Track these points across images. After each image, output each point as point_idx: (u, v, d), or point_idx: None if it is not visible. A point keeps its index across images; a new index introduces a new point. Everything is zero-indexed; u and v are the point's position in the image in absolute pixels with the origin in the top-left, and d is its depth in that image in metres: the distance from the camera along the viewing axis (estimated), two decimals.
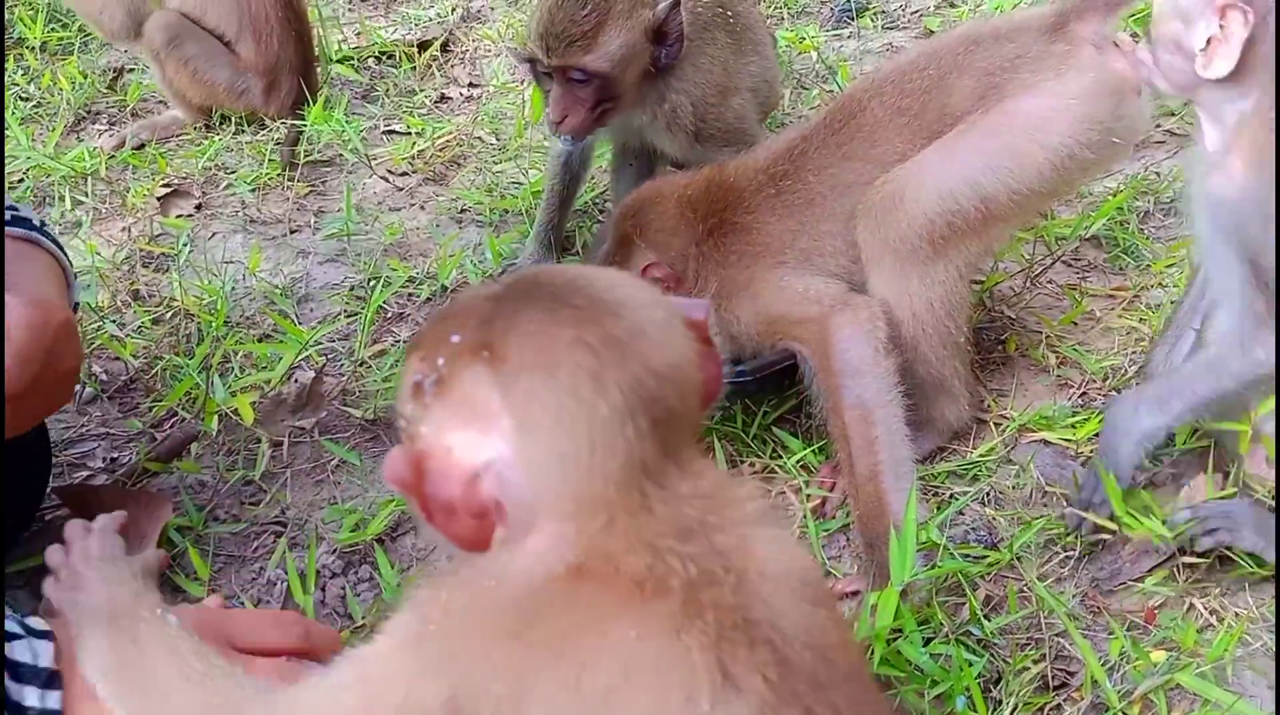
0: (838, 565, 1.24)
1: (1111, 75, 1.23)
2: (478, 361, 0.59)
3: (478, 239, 1.74)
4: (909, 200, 1.23)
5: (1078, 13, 1.25)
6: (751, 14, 1.59)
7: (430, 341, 0.63)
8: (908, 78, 1.30)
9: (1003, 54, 1.26)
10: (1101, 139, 1.23)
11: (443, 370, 0.60)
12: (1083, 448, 1.30)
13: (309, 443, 1.41)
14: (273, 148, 1.95)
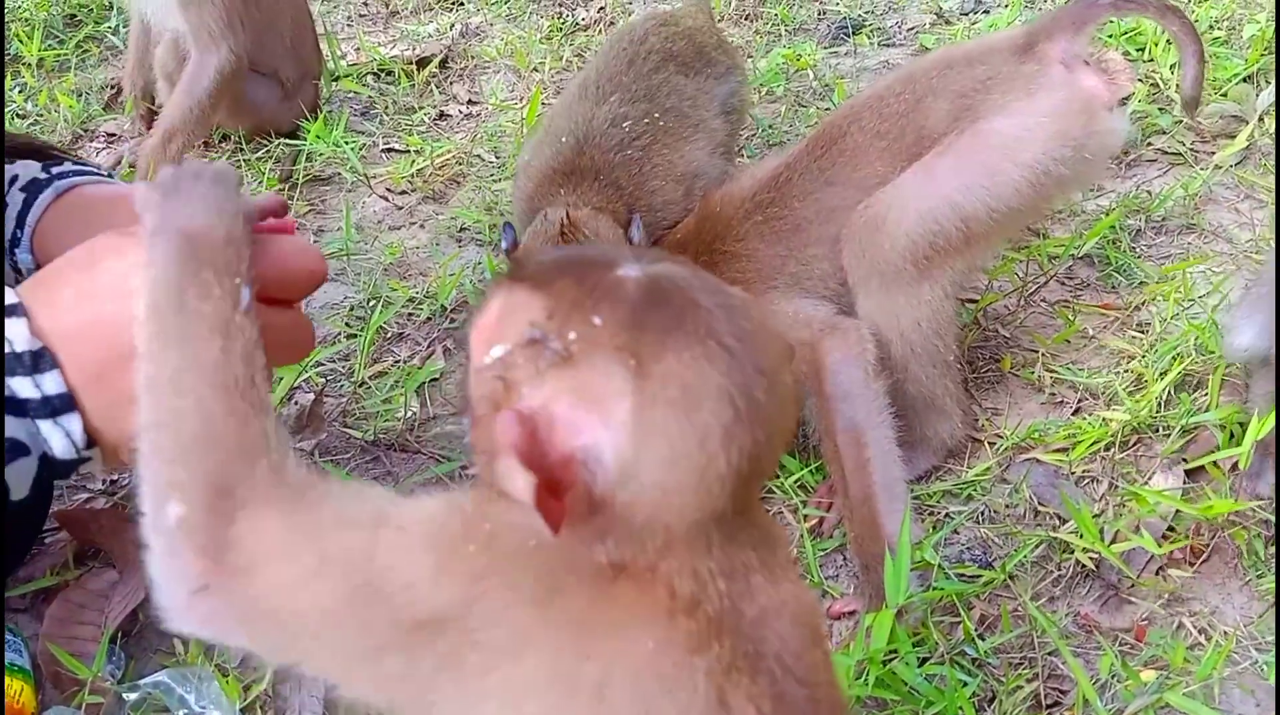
0: (835, 585, 1.25)
1: (1081, 92, 1.26)
2: (620, 364, 0.55)
3: (477, 258, 1.75)
4: (891, 223, 1.25)
5: (1046, 32, 1.28)
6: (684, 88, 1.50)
7: (563, 304, 0.57)
8: (885, 103, 1.33)
9: (975, 76, 1.29)
10: (1075, 155, 1.25)
11: (573, 347, 0.56)
12: (1075, 467, 1.32)
13: (308, 465, 1.42)
14: (271, 166, 1.96)
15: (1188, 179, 1.73)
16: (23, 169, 1.01)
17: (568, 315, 0.57)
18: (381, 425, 1.46)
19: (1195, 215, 1.69)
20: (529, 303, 0.58)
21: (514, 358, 0.57)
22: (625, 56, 1.51)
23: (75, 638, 1.20)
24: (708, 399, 0.55)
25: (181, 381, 0.65)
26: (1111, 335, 1.50)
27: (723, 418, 0.55)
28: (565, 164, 1.39)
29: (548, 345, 0.56)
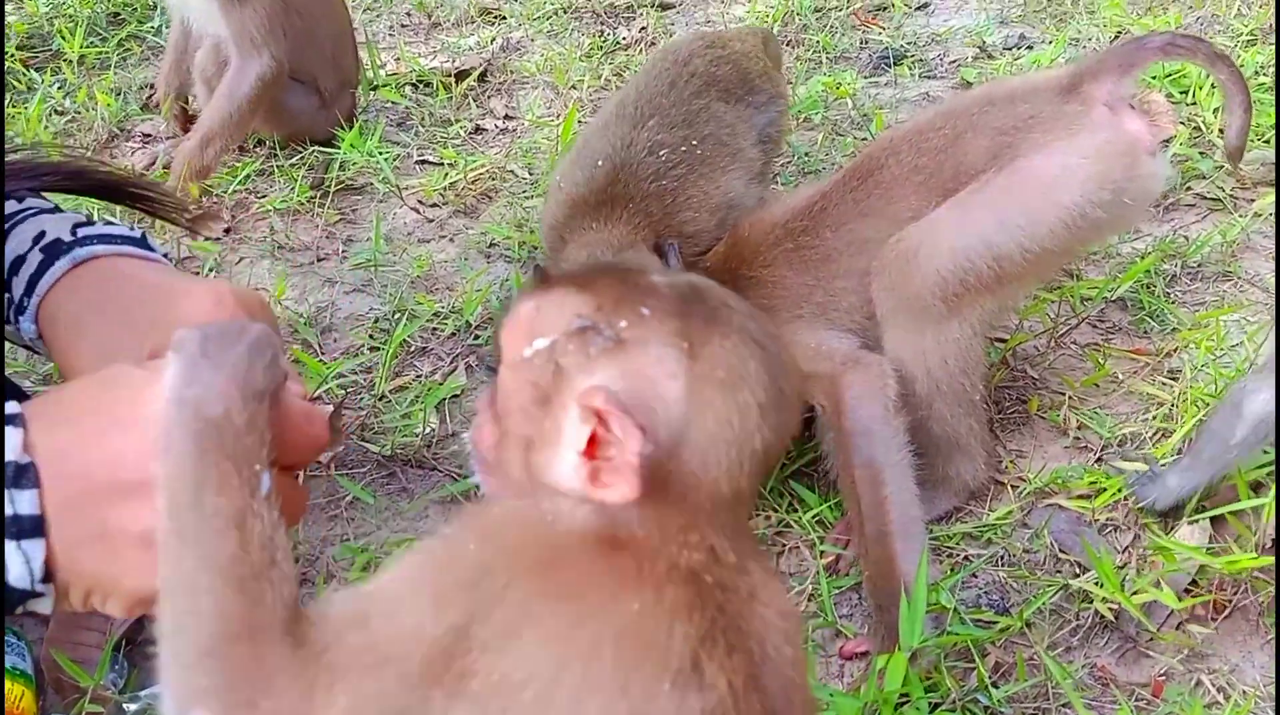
0: (848, 624, 1.24)
1: (1124, 136, 1.24)
2: (674, 347, 0.60)
3: (505, 275, 1.76)
4: (923, 257, 1.24)
5: (1091, 74, 1.26)
6: (724, 115, 1.49)
7: (609, 298, 0.62)
8: (924, 137, 1.32)
9: (1016, 114, 1.28)
10: (1114, 199, 1.23)
11: (625, 333, 0.60)
12: (1098, 515, 1.29)
13: (324, 477, 1.43)
14: (304, 173, 1.99)
15: (1226, 226, 1.71)
16: (51, 226, 0.94)
17: (615, 306, 0.62)
18: (399, 440, 1.47)
19: (1232, 263, 1.66)
20: (573, 299, 0.63)
21: (562, 346, 0.61)
22: (667, 78, 1.50)
23: (79, 644, 1.21)
24: (748, 381, 0.61)
25: (198, 582, 0.62)
26: (1142, 381, 1.48)
27: (759, 398, 0.61)
28: (597, 192, 1.39)
29: (600, 332, 0.60)
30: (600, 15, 2.51)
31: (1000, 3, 2.46)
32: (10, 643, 1.17)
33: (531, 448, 0.62)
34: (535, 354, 0.62)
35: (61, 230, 0.93)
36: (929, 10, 2.48)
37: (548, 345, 0.61)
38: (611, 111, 1.50)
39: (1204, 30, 2.27)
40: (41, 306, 0.89)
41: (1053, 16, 2.37)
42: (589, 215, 1.38)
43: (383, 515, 1.38)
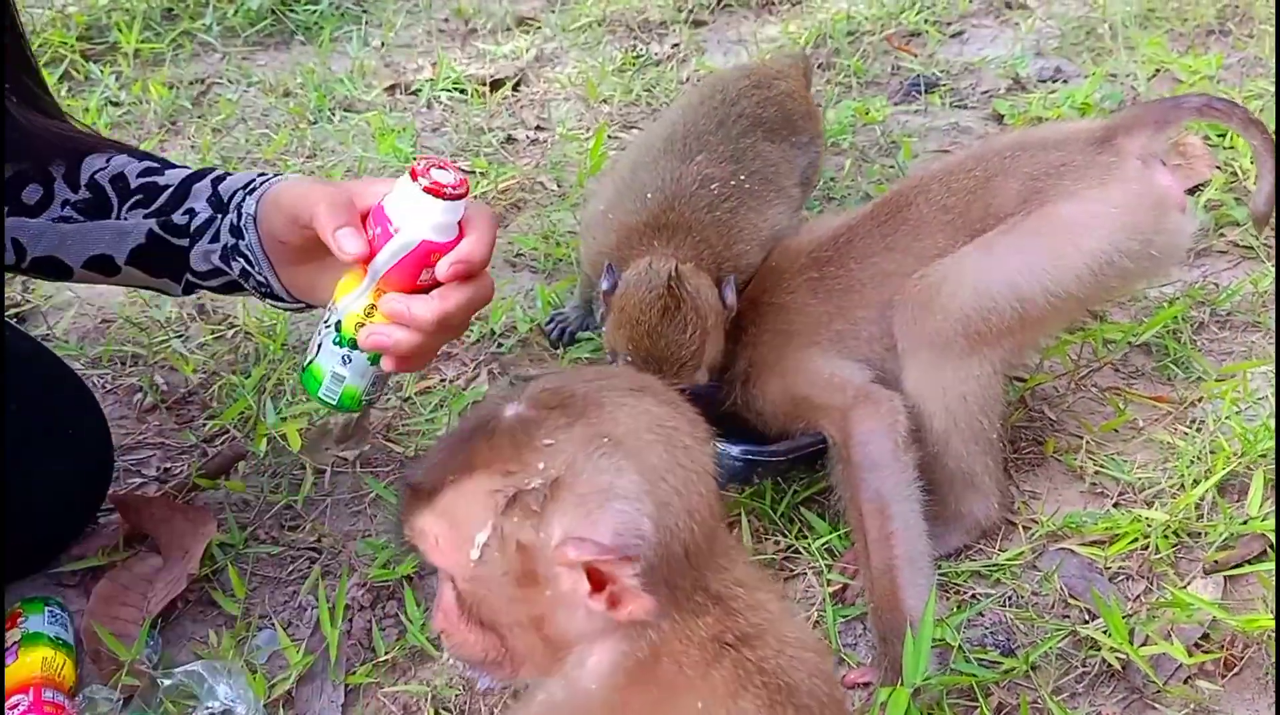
0: (852, 653, 1.24)
1: (1154, 189, 1.25)
2: (599, 447, 0.59)
3: (530, 285, 1.79)
4: (946, 294, 1.25)
5: (1126, 127, 1.28)
6: (769, 153, 1.51)
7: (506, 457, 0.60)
8: (954, 177, 1.33)
9: (1048, 160, 1.29)
10: (1141, 250, 1.24)
11: (550, 472, 0.58)
12: (1111, 563, 1.29)
13: (350, 474, 1.46)
14: (344, 174, 2.02)
15: (1258, 275, 1.70)
16: None
17: (520, 458, 0.59)
18: (423, 443, 1.49)
19: (1262, 313, 1.65)
20: (473, 484, 0.61)
21: (507, 525, 0.60)
22: (715, 116, 1.52)
23: (117, 618, 1.26)
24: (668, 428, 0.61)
25: None
26: (1162, 429, 1.47)
27: (686, 435, 0.61)
28: (655, 219, 1.39)
29: (528, 490, 0.59)
30: (634, 30, 2.53)
31: (1036, 34, 2.45)
32: (54, 614, 1.22)
33: (545, 623, 0.62)
34: (484, 550, 0.61)
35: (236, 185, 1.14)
36: (963, 38, 2.48)
37: (489, 535, 0.60)
38: (659, 146, 1.51)
39: (1245, 72, 2.25)
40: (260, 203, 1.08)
41: (1090, 50, 2.36)
42: (646, 240, 1.39)
43: None
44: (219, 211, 1.11)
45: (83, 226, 1.15)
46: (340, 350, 1.00)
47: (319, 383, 1.02)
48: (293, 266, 1.08)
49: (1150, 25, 2.41)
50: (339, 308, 0.99)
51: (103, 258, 1.15)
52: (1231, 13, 2.44)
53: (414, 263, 0.94)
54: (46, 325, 1.71)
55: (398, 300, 0.96)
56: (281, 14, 2.63)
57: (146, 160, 1.19)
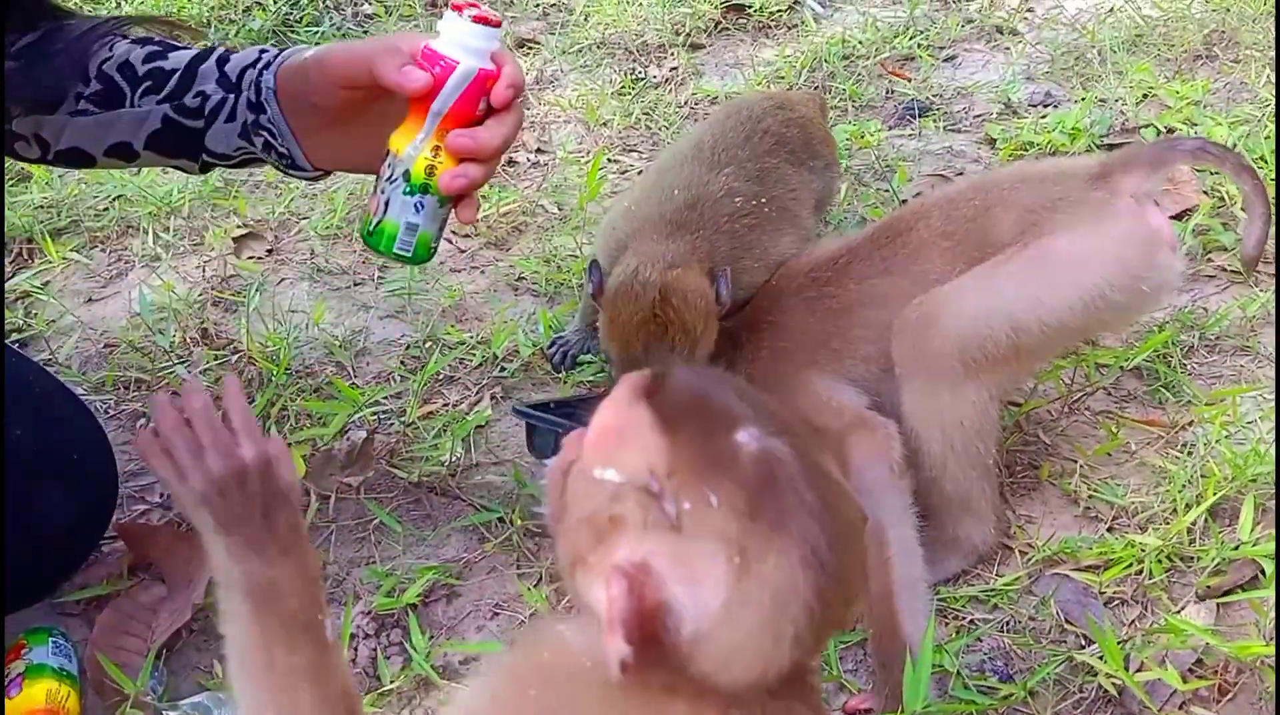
0: (853, 679, 1.26)
1: (1146, 228, 1.29)
2: (725, 558, 0.58)
3: (532, 309, 1.81)
4: (944, 321, 1.28)
5: (1122, 166, 1.31)
6: (790, 178, 1.54)
7: (684, 465, 0.59)
8: (955, 205, 1.37)
9: (1046, 194, 1.32)
10: (1131, 286, 1.28)
11: (685, 520, 0.58)
12: (1106, 587, 1.32)
13: (354, 500, 1.47)
14: (345, 197, 2.04)
15: (1246, 299, 1.73)
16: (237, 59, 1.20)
17: (686, 481, 0.59)
18: (426, 468, 1.51)
19: (1251, 337, 1.68)
20: (654, 443, 0.60)
21: (625, 494, 0.60)
22: (742, 131, 1.56)
23: (121, 648, 1.26)
24: (792, 607, 0.58)
25: None
26: (1155, 453, 1.50)
27: (799, 624, 0.58)
28: (676, 215, 1.43)
29: (662, 505, 0.59)
30: (632, 52, 2.56)
31: (1027, 59, 2.49)
32: (58, 644, 1.22)
33: (577, 562, 0.63)
34: (602, 484, 0.61)
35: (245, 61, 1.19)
36: (956, 63, 2.51)
37: (616, 485, 0.61)
38: (687, 153, 1.55)
39: (1231, 97, 2.29)
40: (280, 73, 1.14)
41: (1080, 76, 2.40)
42: (657, 231, 1.42)
43: (407, 541, 1.42)
44: (230, 91, 1.17)
45: (99, 118, 1.20)
46: (412, 198, 1.03)
47: (393, 239, 1.05)
48: (318, 134, 1.14)
49: (1138, 51, 2.46)
50: (403, 158, 1.03)
51: (122, 144, 1.21)
52: (1218, 38, 2.48)
53: (474, 93, 1.00)
54: (49, 350, 1.71)
55: (465, 135, 1.01)
56: (284, 35, 2.65)
57: (148, 45, 1.23)
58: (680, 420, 0.61)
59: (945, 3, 2.74)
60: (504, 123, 1.03)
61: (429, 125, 1.01)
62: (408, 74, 1.00)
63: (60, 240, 1.94)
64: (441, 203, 1.05)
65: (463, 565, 1.39)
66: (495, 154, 1.04)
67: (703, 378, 0.66)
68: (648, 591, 0.58)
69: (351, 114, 1.10)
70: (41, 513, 1.23)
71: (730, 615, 0.58)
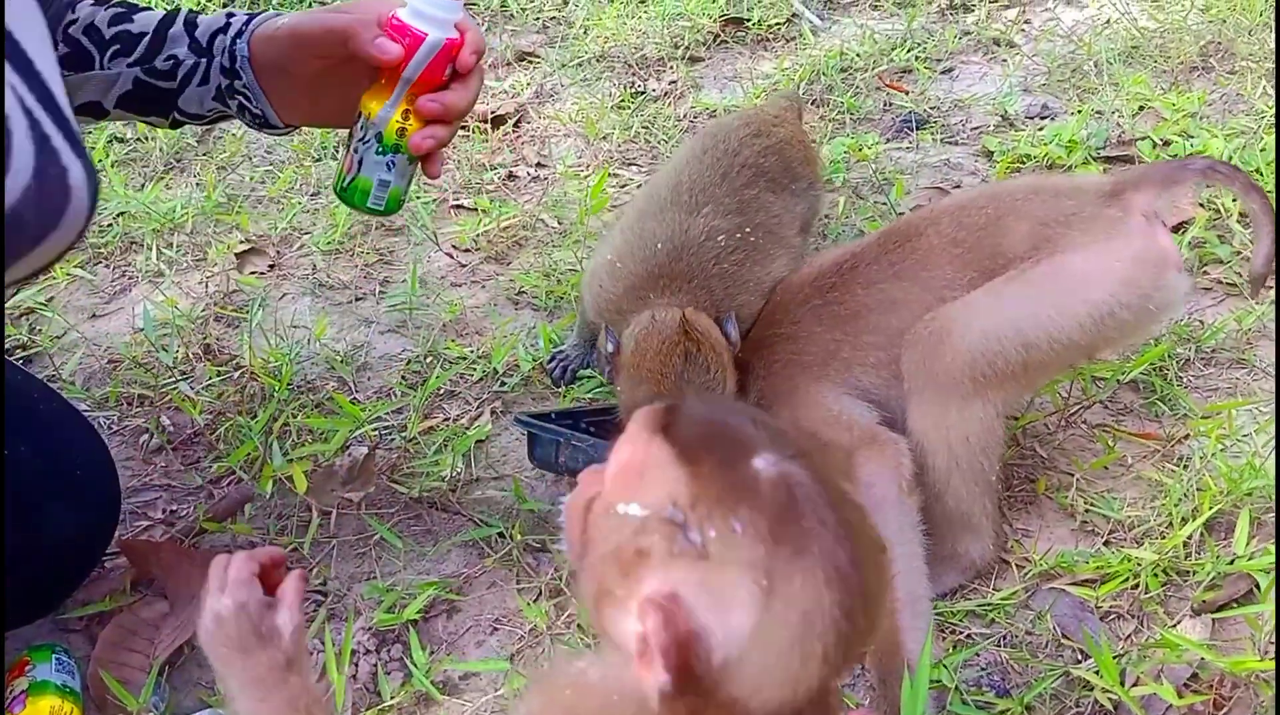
0: (852, 694, 1.27)
1: (1156, 247, 1.30)
2: (753, 582, 0.59)
3: (532, 323, 1.82)
4: (955, 337, 1.29)
5: (1135, 184, 1.33)
6: (772, 205, 1.55)
7: (707, 495, 0.60)
8: (966, 212, 1.38)
9: (1059, 208, 1.33)
10: (1140, 304, 1.29)
11: (711, 548, 0.59)
12: (1102, 602, 1.32)
13: (355, 516, 1.48)
14: (348, 213, 2.06)
15: (1242, 312, 1.74)
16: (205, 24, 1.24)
17: (710, 510, 0.60)
18: (427, 484, 1.52)
19: (1246, 350, 1.69)
20: (675, 475, 0.62)
21: (650, 527, 0.61)
22: (719, 168, 1.56)
23: (124, 664, 1.27)
24: (819, 626, 0.59)
25: None
26: (1151, 466, 1.51)
27: (828, 642, 0.59)
28: (663, 268, 1.43)
29: (687, 534, 0.60)
30: (632, 66, 2.58)
31: (1024, 71, 2.51)
32: (61, 661, 1.23)
33: (603, 596, 0.64)
34: (628, 518, 0.63)
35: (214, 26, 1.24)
36: (953, 75, 2.53)
37: (640, 519, 0.62)
38: (665, 196, 1.55)
39: (1227, 109, 2.30)
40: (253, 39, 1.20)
41: (1076, 88, 2.42)
42: (651, 289, 1.43)
43: (408, 556, 1.43)
44: (202, 56, 1.22)
45: (69, 80, 1.22)
46: (384, 157, 1.12)
47: (366, 194, 1.15)
48: (290, 96, 1.22)
49: (1135, 63, 2.47)
50: (375, 121, 1.11)
51: (92, 104, 1.26)
52: (1214, 50, 2.49)
53: (441, 62, 1.08)
54: (53, 366, 1.73)
55: (433, 99, 1.10)
56: None
57: (111, 7, 1.26)
58: (698, 451, 0.63)
59: (942, 15, 2.75)
60: (468, 86, 1.12)
61: (399, 91, 1.09)
62: (381, 46, 1.07)
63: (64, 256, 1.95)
64: (411, 160, 1.14)
65: (463, 580, 1.40)
66: (461, 115, 1.13)
67: (716, 407, 0.68)
68: (679, 621, 0.59)
69: (322, 78, 1.17)
70: (44, 529, 1.24)
71: (760, 638, 0.59)
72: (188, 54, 1.22)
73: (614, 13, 2.72)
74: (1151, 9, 2.67)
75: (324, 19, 1.15)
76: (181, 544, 1.42)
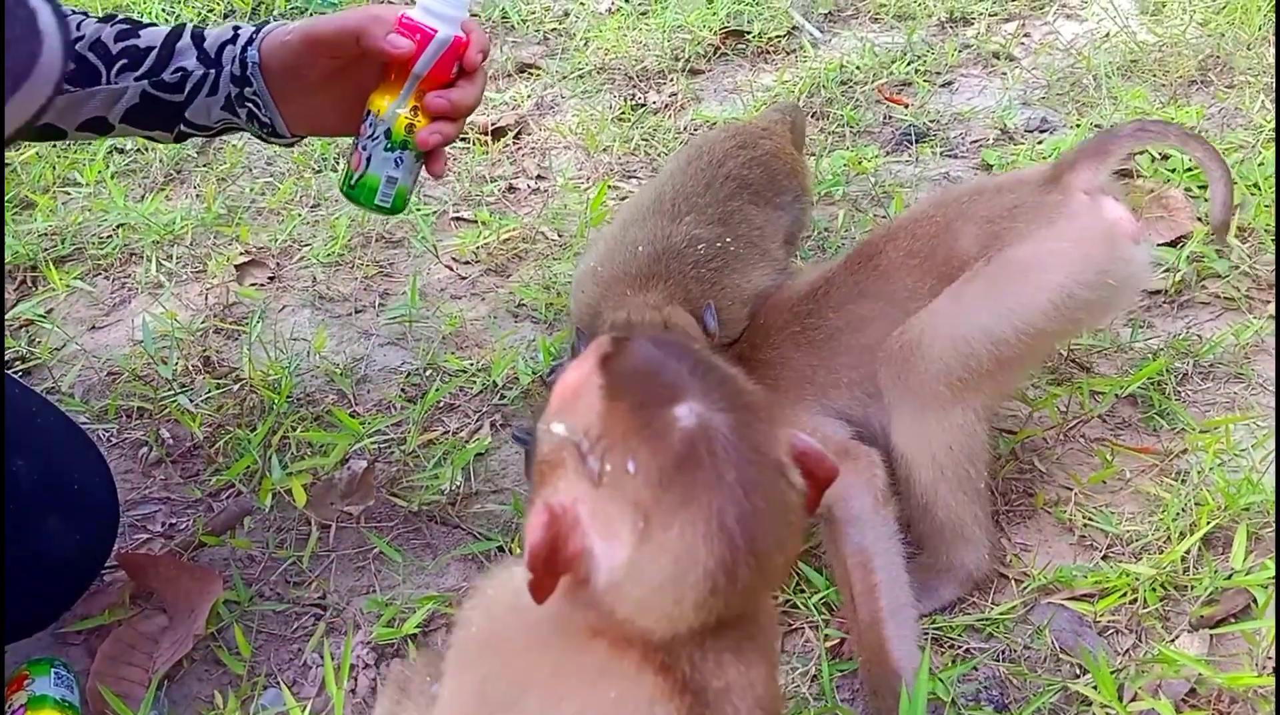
0: (849, 708, 1.27)
1: (1103, 221, 1.31)
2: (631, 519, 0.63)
3: (532, 336, 1.82)
4: (925, 347, 1.30)
5: (1070, 164, 1.34)
6: (755, 218, 1.57)
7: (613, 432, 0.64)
8: (918, 224, 1.40)
9: (1002, 203, 1.35)
10: (1098, 280, 1.29)
11: (603, 479, 0.64)
12: (1100, 617, 1.32)
13: (354, 529, 1.48)
14: (348, 225, 2.06)
15: (1240, 326, 1.74)
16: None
17: (611, 445, 0.64)
18: (426, 497, 1.52)
19: (1245, 364, 1.69)
20: (594, 405, 0.66)
21: (564, 445, 0.67)
22: (703, 178, 1.57)
23: (123, 678, 1.27)
24: (691, 575, 0.63)
25: None
26: (1149, 481, 1.51)
27: (700, 591, 0.64)
28: (641, 271, 1.46)
29: (586, 462, 0.65)
30: (632, 78, 2.59)
31: (1023, 85, 2.52)
32: (60, 675, 1.23)
33: (529, 503, 0.71)
34: (550, 435, 0.68)
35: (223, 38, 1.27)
36: (953, 88, 2.54)
37: (560, 438, 0.67)
38: (648, 204, 1.57)
39: (1226, 123, 2.31)
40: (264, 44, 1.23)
41: (1075, 101, 2.43)
42: (628, 288, 1.45)
43: (408, 570, 1.43)
44: (211, 67, 1.25)
45: (75, 95, 1.26)
46: (392, 154, 1.16)
47: (374, 192, 1.19)
48: (298, 101, 1.24)
49: (1133, 76, 2.48)
50: (384, 117, 1.15)
51: (97, 119, 1.27)
52: (1213, 64, 2.51)
53: (449, 59, 1.13)
54: (52, 378, 1.73)
55: (441, 96, 1.14)
56: None
57: (116, 24, 1.29)
58: (622, 388, 0.67)
59: (942, 28, 2.77)
60: (474, 83, 1.16)
61: (408, 87, 1.13)
62: (393, 41, 1.11)
63: (64, 268, 1.96)
64: (418, 158, 1.18)
65: (462, 594, 1.40)
66: (467, 113, 1.17)
67: (662, 348, 0.70)
68: (571, 533, 0.64)
69: (330, 81, 1.21)
70: (43, 542, 1.24)
71: (634, 572, 0.64)
72: (196, 65, 1.25)
73: (614, 25, 2.73)
74: (1150, 23, 2.68)
75: (336, 18, 1.18)
76: (180, 557, 1.42)
